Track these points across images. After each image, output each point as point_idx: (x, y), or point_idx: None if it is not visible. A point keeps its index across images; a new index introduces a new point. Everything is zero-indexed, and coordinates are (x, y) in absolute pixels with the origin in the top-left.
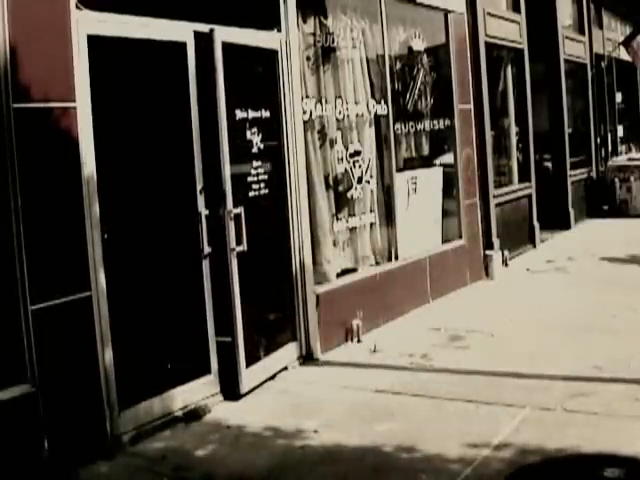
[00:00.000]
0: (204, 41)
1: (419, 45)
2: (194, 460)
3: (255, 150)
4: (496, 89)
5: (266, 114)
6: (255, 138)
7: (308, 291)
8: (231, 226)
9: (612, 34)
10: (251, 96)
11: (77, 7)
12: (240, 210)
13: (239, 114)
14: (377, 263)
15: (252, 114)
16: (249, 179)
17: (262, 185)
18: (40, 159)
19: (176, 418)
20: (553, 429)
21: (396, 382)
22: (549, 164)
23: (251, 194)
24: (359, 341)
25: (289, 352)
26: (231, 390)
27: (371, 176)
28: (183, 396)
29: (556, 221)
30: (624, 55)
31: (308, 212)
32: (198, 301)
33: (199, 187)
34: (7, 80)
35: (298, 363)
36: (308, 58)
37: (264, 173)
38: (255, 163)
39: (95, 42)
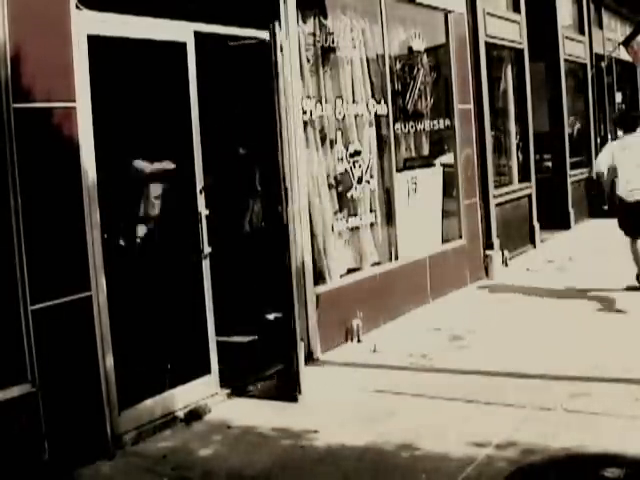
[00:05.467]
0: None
1: (419, 45)
2: (195, 460)
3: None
4: (496, 89)
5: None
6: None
7: (308, 291)
8: None
9: (612, 34)
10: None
11: (77, 7)
12: None
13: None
14: (377, 263)
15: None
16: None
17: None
18: (40, 159)
19: (176, 418)
20: (553, 429)
21: (396, 382)
22: (549, 164)
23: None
24: (359, 341)
25: None
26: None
27: (371, 176)
28: (183, 396)
29: (556, 221)
30: (624, 55)
31: (308, 212)
32: (198, 301)
33: (199, 187)
34: (7, 80)
35: None
36: (308, 58)
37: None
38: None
39: (95, 42)
